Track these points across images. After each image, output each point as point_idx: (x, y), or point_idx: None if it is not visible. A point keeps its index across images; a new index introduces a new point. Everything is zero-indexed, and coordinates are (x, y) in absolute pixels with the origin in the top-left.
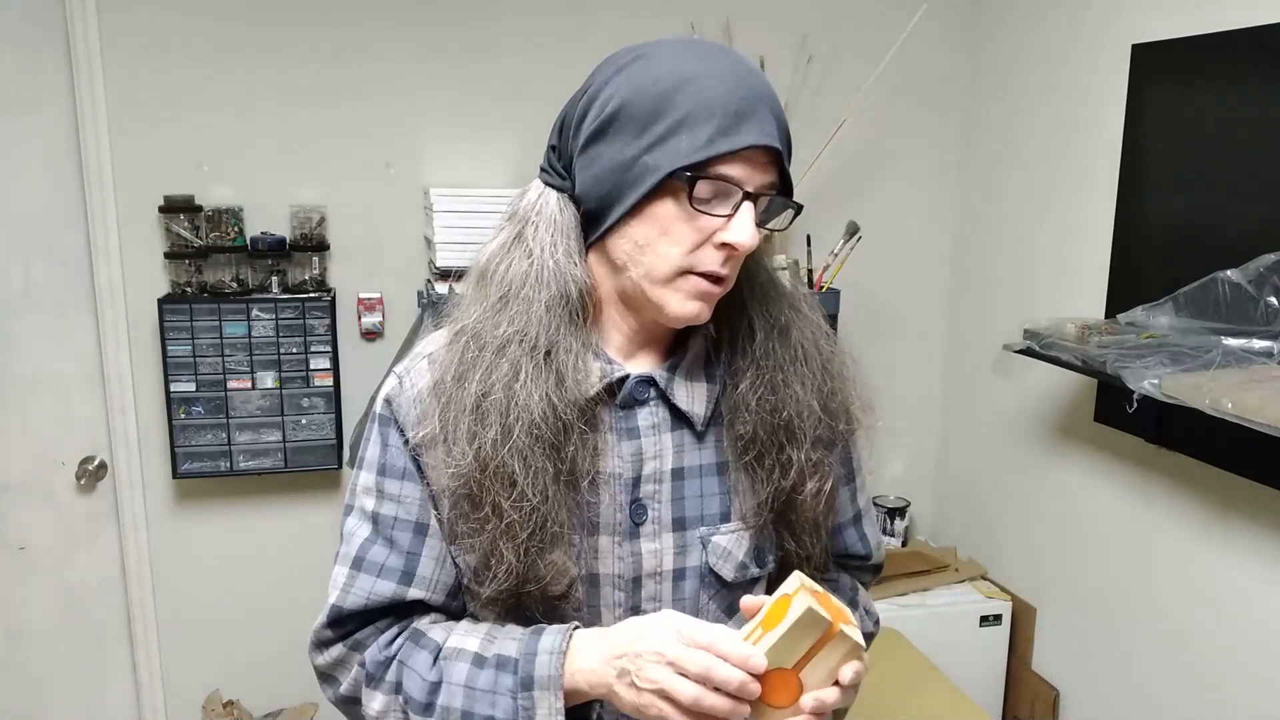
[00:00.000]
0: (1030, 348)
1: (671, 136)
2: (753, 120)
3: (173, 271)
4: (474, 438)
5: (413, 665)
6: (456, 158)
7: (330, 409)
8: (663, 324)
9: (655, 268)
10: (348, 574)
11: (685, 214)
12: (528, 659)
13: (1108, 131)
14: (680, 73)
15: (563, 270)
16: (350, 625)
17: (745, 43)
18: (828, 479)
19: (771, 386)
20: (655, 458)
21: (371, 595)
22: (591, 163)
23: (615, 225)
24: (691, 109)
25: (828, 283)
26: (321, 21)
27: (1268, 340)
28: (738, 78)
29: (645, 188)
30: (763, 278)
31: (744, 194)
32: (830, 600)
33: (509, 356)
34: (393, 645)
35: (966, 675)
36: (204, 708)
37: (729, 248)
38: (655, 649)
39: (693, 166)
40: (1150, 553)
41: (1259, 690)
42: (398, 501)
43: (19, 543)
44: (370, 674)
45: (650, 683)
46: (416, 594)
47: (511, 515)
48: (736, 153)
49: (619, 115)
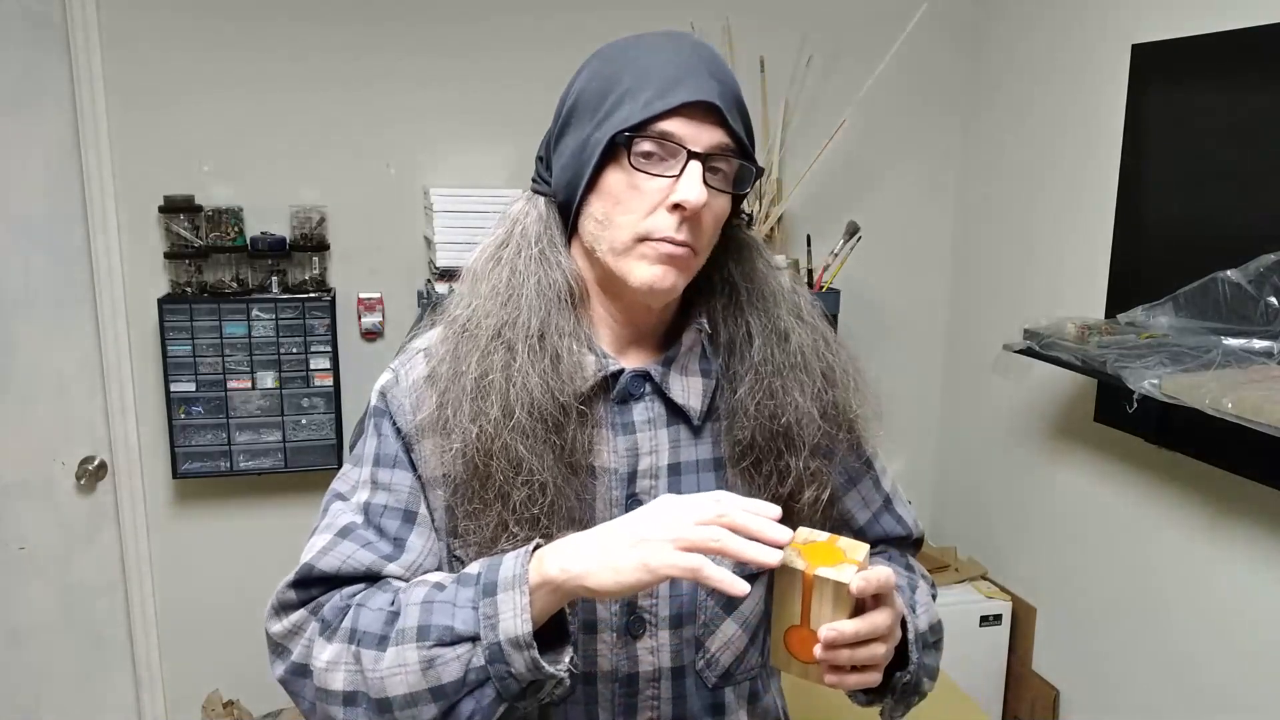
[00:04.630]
0: (1030, 348)
1: (615, 110)
2: (689, 81)
3: (173, 271)
4: (476, 418)
5: (370, 605)
6: (456, 158)
7: (330, 409)
8: (649, 312)
9: (615, 239)
10: (329, 539)
11: (631, 179)
12: (491, 567)
13: (1108, 131)
14: (625, 56)
15: (548, 259)
16: (316, 590)
17: (745, 43)
18: (825, 488)
19: (770, 392)
20: (651, 453)
21: (348, 561)
22: (560, 156)
23: (580, 208)
24: (631, 82)
25: (828, 283)
26: (322, 22)
27: (1268, 340)
28: (676, 49)
29: (594, 160)
30: (761, 283)
31: (689, 154)
32: (831, 544)
33: (503, 340)
34: (355, 596)
35: (966, 675)
36: (204, 708)
37: (680, 209)
38: (655, 505)
39: (632, 128)
40: (1150, 553)
41: (1259, 690)
42: (389, 490)
43: (19, 543)
44: (325, 621)
45: (634, 538)
46: (395, 571)
47: (520, 494)
48: (675, 111)
49: (576, 106)
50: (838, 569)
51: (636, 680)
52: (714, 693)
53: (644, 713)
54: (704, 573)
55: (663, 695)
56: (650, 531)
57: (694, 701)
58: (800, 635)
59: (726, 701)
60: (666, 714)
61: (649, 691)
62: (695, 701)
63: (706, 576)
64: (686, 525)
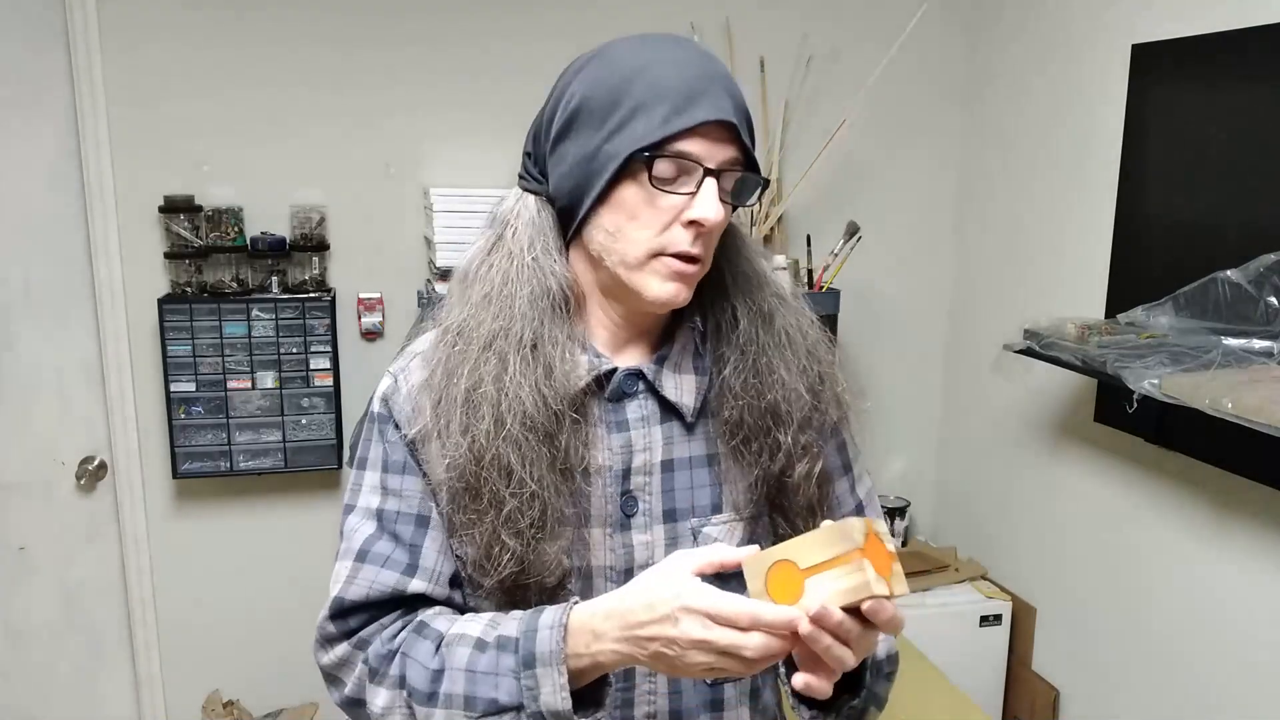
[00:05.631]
0: (1030, 348)
1: (629, 123)
2: (706, 98)
3: (173, 271)
4: (467, 430)
5: (415, 656)
6: (456, 158)
7: (330, 409)
8: (647, 314)
9: (628, 253)
10: (350, 566)
11: (649, 196)
12: (528, 636)
13: (1108, 131)
14: (633, 63)
15: (542, 266)
16: (353, 619)
17: (745, 43)
18: (817, 461)
19: (756, 371)
20: (645, 450)
21: (374, 586)
22: (560, 161)
23: (587, 217)
24: (645, 94)
25: (828, 283)
26: (322, 22)
27: (1268, 340)
28: (688, 61)
29: (608, 174)
30: (744, 266)
31: (705, 170)
32: (892, 564)
33: (495, 351)
34: (396, 639)
35: (966, 675)
36: (204, 708)
37: (697, 225)
38: (691, 638)
39: (650, 147)
40: (1150, 553)
41: (1258, 690)
42: (399, 496)
43: (19, 543)
44: (374, 669)
45: (700, 665)
46: (419, 586)
47: (511, 504)
48: (692, 130)
49: (580, 111)
50: (884, 582)
51: (633, 674)
52: (712, 688)
53: (641, 707)
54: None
55: (659, 689)
56: (679, 663)
57: (691, 697)
58: (788, 571)
59: (725, 697)
60: (663, 708)
61: (646, 686)
62: (693, 696)
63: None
64: (706, 658)
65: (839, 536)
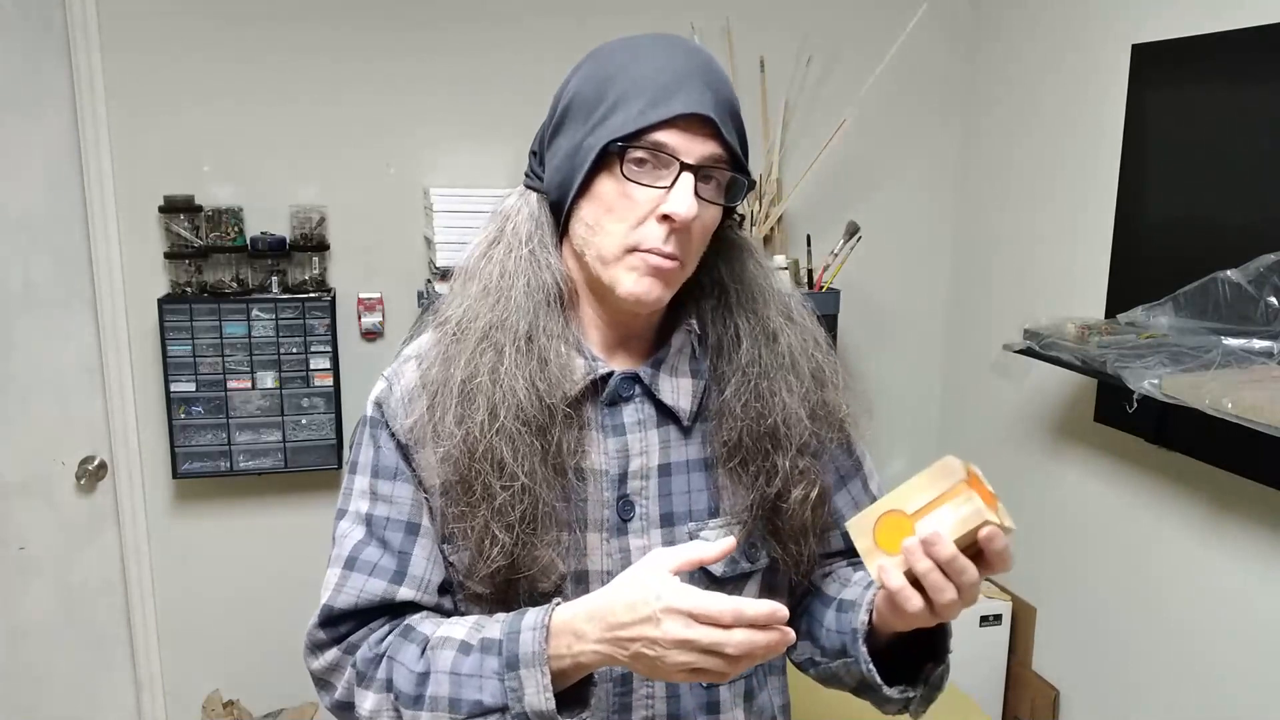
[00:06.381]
0: (1030, 348)
1: (609, 116)
2: (684, 91)
3: (173, 271)
4: (461, 421)
5: (401, 659)
6: (456, 158)
7: (330, 409)
8: (635, 315)
9: (604, 247)
10: (340, 574)
11: (623, 188)
12: (511, 638)
13: (1108, 131)
14: (620, 60)
15: (538, 259)
16: (343, 626)
17: (745, 43)
18: (814, 486)
19: (757, 393)
20: (641, 454)
21: (362, 594)
22: (554, 156)
23: (571, 210)
24: (627, 88)
25: (828, 283)
26: (322, 22)
27: (1268, 340)
28: (671, 56)
29: (587, 166)
30: (750, 283)
31: (681, 165)
32: (996, 503)
33: (492, 342)
34: (383, 643)
35: (966, 675)
36: (204, 708)
37: (669, 220)
38: (673, 638)
39: (625, 138)
40: (1150, 553)
41: (1259, 690)
42: (390, 502)
43: (19, 543)
44: (361, 672)
45: (681, 666)
46: (407, 594)
47: (502, 497)
48: (669, 122)
49: (570, 107)
50: (993, 512)
51: (631, 678)
52: (708, 690)
53: (638, 711)
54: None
55: (656, 693)
56: (660, 664)
57: (688, 700)
58: (898, 523)
59: (721, 699)
60: (661, 712)
61: (643, 690)
62: (689, 700)
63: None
64: (688, 658)
65: (941, 474)
